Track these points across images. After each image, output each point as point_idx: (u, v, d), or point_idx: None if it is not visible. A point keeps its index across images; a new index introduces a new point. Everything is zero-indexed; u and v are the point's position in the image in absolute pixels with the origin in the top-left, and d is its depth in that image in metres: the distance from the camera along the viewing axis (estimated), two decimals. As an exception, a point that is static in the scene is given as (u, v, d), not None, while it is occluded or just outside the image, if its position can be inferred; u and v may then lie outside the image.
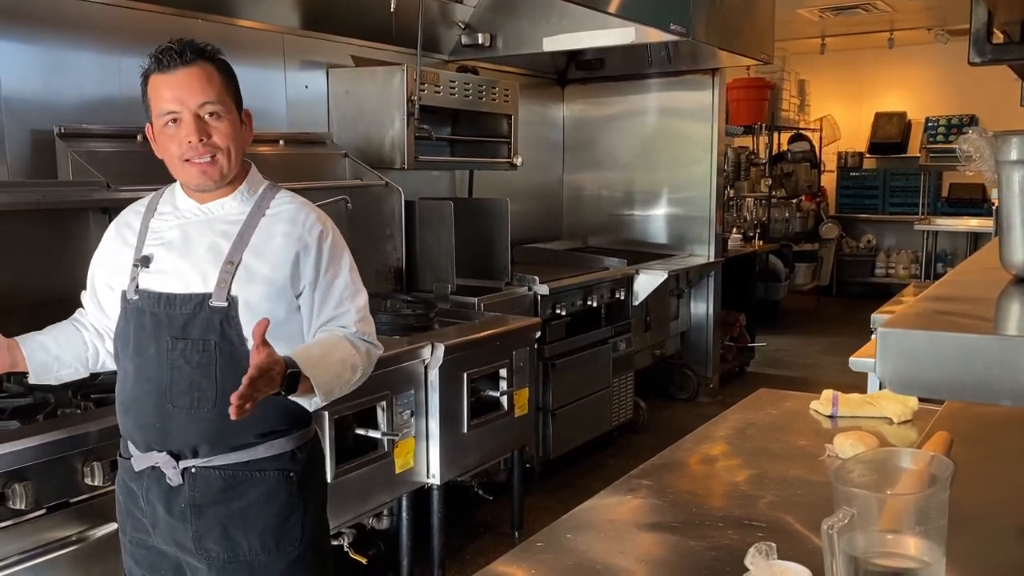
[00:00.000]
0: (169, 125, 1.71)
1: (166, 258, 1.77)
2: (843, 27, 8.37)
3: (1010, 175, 0.98)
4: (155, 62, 1.71)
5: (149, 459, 1.77)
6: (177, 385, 1.73)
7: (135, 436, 1.80)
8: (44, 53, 2.92)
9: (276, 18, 3.74)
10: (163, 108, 1.71)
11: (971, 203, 9.37)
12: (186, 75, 1.69)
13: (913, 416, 2.12)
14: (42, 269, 2.73)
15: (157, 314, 1.74)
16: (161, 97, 1.71)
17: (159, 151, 1.78)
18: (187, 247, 1.77)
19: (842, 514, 1.09)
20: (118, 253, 1.84)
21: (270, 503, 1.79)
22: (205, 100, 1.70)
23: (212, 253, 1.76)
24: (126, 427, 1.82)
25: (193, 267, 1.75)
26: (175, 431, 1.75)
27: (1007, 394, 0.79)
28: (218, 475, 1.76)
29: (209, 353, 1.72)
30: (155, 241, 1.80)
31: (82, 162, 2.79)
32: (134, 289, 1.77)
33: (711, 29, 4.35)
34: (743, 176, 8.01)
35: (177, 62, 1.69)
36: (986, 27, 1.65)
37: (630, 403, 5.03)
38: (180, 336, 1.72)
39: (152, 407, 1.75)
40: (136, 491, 1.81)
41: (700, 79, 5.63)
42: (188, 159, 1.72)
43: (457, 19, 4.64)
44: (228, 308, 1.72)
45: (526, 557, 1.49)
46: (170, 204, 1.84)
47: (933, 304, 0.98)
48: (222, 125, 1.73)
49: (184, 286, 1.74)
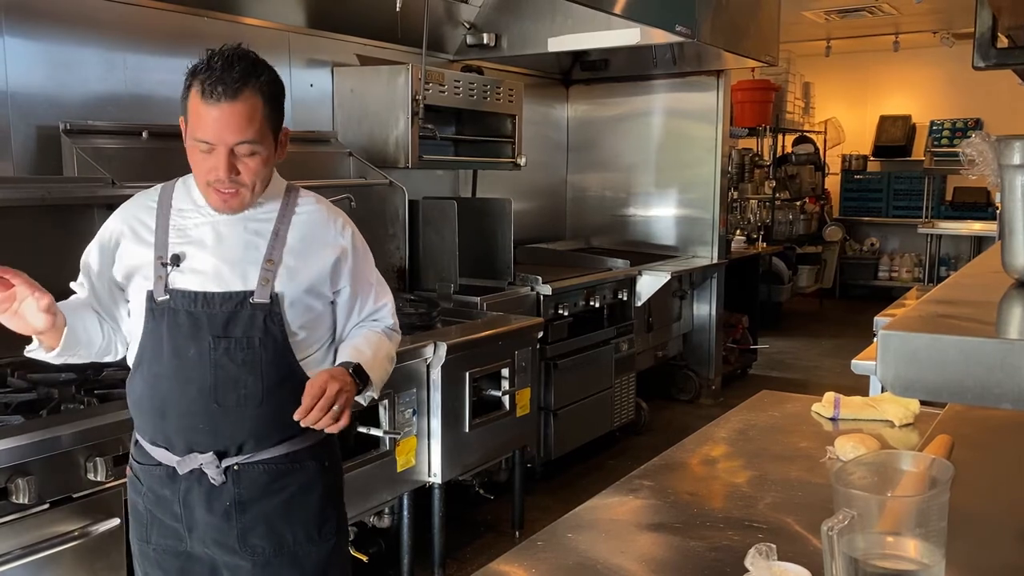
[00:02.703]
0: (201, 149, 1.68)
1: (199, 257, 1.74)
2: (848, 30, 8.36)
3: (1013, 179, 0.98)
4: (201, 87, 1.64)
5: (192, 461, 1.74)
6: (222, 384, 1.71)
7: (174, 440, 1.75)
8: (50, 49, 2.92)
9: (282, 16, 3.75)
10: (199, 135, 1.66)
11: (975, 207, 9.36)
12: (229, 111, 1.63)
13: (914, 419, 2.12)
14: (47, 265, 2.70)
15: (194, 314, 1.71)
16: (200, 123, 1.66)
17: (187, 154, 1.74)
18: (221, 245, 1.75)
19: (842, 516, 1.09)
20: (133, 252, 1.78)
21: (311, 492, 1.81)
22: (242, 140, 1.66)
23: (249, 251, 1.75)
24: (162, 431, 1.76)
25: (231, 266, 1.73)
26: (221, 430, 1.73)
27: (1008, 397, 0.79)
28: (262, 469, 1.76)
29: (254, 350, 1.72)
30: (181, 239, 1.75)
31: (87, 158, 2.80)
32: (163, 289, 1.72)
33: (716, 30, 4.35)
34: (747, 178, 8.01)
35: (222, 96, 1.63)
36: (991, 31, 1.65)
37: (632, 404, 5.03)
38: (222, 335, 1.71)
39: (195, 408, 1.72)
40: (170, 496, 1.77)
41: (705, 80, 5.63)
42: (213, 186, 1.71)
43: (462, 19, 4.65)
44: (271, 305, 1.73)
45: (527, 556, 1.49)
46: (188, 200, 1.79)
47: (935, 307, 0.98)
48: (253, 162, 1.70)
49: (223, 285, 1.72)
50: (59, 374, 2.47)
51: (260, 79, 1.68)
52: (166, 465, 1.77)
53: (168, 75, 3.28)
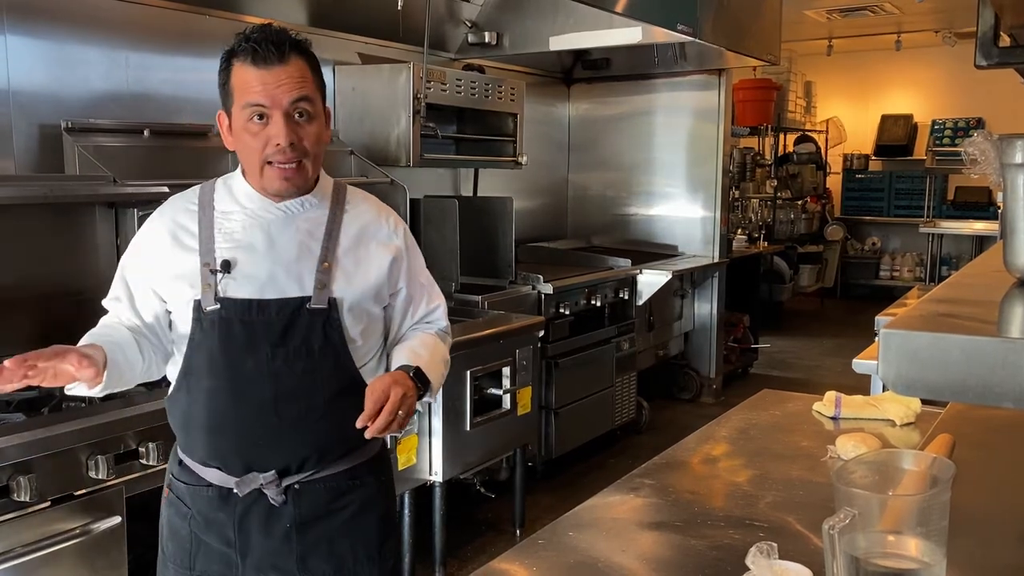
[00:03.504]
0: (255, 120, 1.57)
1: (251, 261, 1.62)
2: (850, 29, 8.36)
3: (1015, 178, 0.98)
4: (249, 53, 1.56)
5: (252, 481, 1.63)
6: (283, 397, 1.61)
7: (229, 459, 1.64)
8: (52, 48, 2.92)
9: (283, 15, 3.74)
10: (251, 99, 1.56)
11: (977, 206, 9.35)
12: (280, 71, 1.56)
13: (916, 418, 2.12)
14: (49, 262, 2.74)
15: (249, 323, 1.60)
16: (250, 88, 1.56)
17: (234, 144, 1.64)
18: (274, 249, 1.63)
19: (843, 514, 1.09)
20: (177, 259, 1.64)
21: (371, 510, 1.74)
22: (299, 96, 1.57)
23: (303, 253, 1.64)
24: (216, 450, 1.65)
25: (286, 270, 1.63)
26: (283, 446, 1.64)
27: (1010, 396, 0.79)
28: (324, 487, 1.67)
29: (314, 359, 1.63)
30: (229, 243, 1.63)
31: (89, 156, 2.80)
32: (213, 297, 1.60)
33: (718, 29, 4.35)
34: (748, 177, 8.01)
35: (275, 58, 1.55)
36: (993, 30, 1.65)
37: (633, 403, 5.03)
38: (279, 344, 1.60)
39: (254, 424, 1.62)
40: (223, 520, 1.66)
41: (706, 79, 5.63)
42: (272, 162, 1.59)
43: (464, 17, 4.65)
44: (329, 310, 1.63)
45: (527, 555, 1.49)
46: (231, 202, 1.67)
47: (936, 306, 0.98)
48: (311, 128, 1.61)
49: (278, 291, 1.61)
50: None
51: (305, 49, 1.63)
52: (218, 486, 1.65)
53: (170, 73, 3.29)
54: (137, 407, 2.18)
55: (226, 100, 1.62)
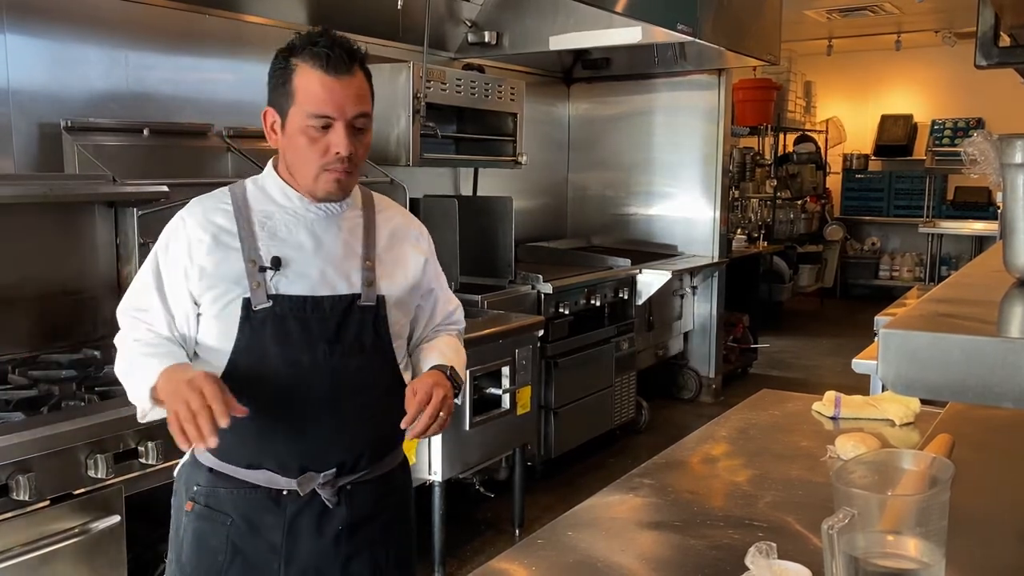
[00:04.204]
0: (317, 127, 1.57)
1: (301, 259, 1.62)
2: (850, 29, 8.36)
3: (1015, 178, 0.98)
4: (322, 59, 1.55)
5: (310, 481, 1.60)
6: (341, 393, 1.61)
7: (286, 459, 1.61)
8: (52, 47, 2.92)
9: (283, 14, 3.74)
10: (319, 109, 1.56)
11: (976, 206, 9.35)
12: (348, 83, 1.57)
13: (915, 418, 2.12)
14: (48, 261, 2.74)
15: (305, 319, 1.59)
16: (317, 97, 1.56)
17: (283, 144, 1.63)
18: (321, 247, 1.64)
19: (843, 514, 1.09)
20: (220, 260, 1.60)
21: (405, 516, 1.76)
22: (362, 112, 1.59)
23: (349, 252, 1.66)
24: (270, 451, 1.61)
25: (336, 268, 1.64)
26: (341, 443, 1.63)
27: (1009, 396, 0.79)
28: (372, 488, 1.68)
29: (366, 355, 1.64)
30: (275, 242, 1.62)
31: (88, 155, 2.80)
32: (264, 295, 1.58)
33: (718, 29, 4.35)
34: (748, 177, 8.01)
35: (345, 68, 1.56)
36: (993, 30, 1.65)
37: (632, 403, 5.03)
38: (335, 340, 1.60)
39: (314, 421, 1.61)
40: (271, 523, 1.61)
41: (706, 79, 5.63)
42: (329, 169, 1.60)
43: (464, 17, 4.65)
44: (377, 307, 1.65)
45: (527, 554, 1.49)
46: (267, 201, 1.66)
47: (936, 306, 0.98)
48: (365, 140, 1.63)
49: (330, 287, 1.62)
50: (60, 371, 2.48)
51: (364, 60, 1.63)
52: (266, 488, 1.61)
53: (170, 73, 3.29)
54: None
55: (283, 99, 1.59)
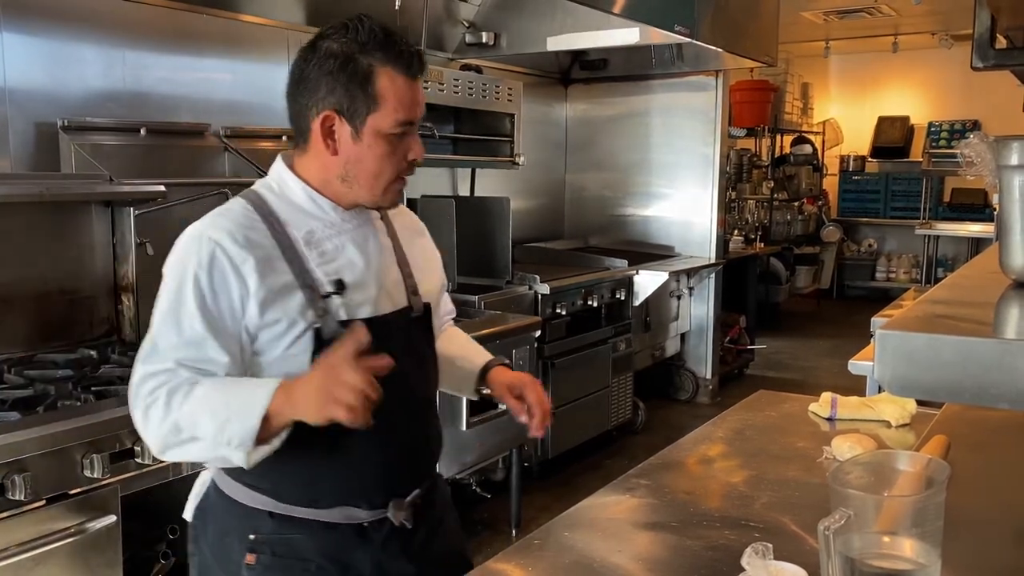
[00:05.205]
0: (397, 133, 1.45)
1: (356, 277, 1.49)
2: (847, 31, 8.37)
3: (1010, 180, 0.98)
4: (404, 61, 1.43)
5: (400, 509, 1.50)
6: (418, 413, 1.56)
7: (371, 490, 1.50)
8: (49, 46, 2.92)
9: (280, 14, 3.74)
10: (408, 115, 1.44)
11: (973, 208, 9.37)
12: (419, 85, 1.48)
13: (911, 419, 2.12)
14: (45, 261, 2.73)
15: (377, 341, 1.40)
16: (406, 101, 1.44)
17: (357, 154, 1.45)
18: (368, 261, 1.52)
19: (839, 515, 1.09)
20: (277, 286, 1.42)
21: (455, 522, 1.72)
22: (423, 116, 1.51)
23: (389, 262, 1.57)
24: (357, 485, 1.49)
25: (386, 281, 1.55)
26: (421, 464, 1.59)
27: (1005, 397, 0.79)
28: (438, 506, 1.64)
29: (427, 368, 1.60)
30: (326, 261, 1.47)
31: (85, 155, 2.79)
32: (335, 322, 1.43)
33: (715, 30, 4.35)
34: (745, 178, 8.01)
35: (418, 71, 1.46)
36: (989, 32, 1.65)
37: (629, 403, 5.03)
38: (405, 356, 1.47)
39: (396, 447, 1.51)
40: (360, 557, 1.49)
41: (704, 80, 5.64)
42: (403, 176, 1.50)
43: (461, 17, 4.64)
44: (425, 318, 1.60)
45: (524, 555, 1.49)
46: (298, 212, 1.49)
47: (932, 307, 0.98)
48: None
49: (390, 303, 1.53)
50: (56, 371, 2.48)
51: None
52: (346, 524, 1.48)
53: (167, 72, 3.28)
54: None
55: (360, 104, 1.42)
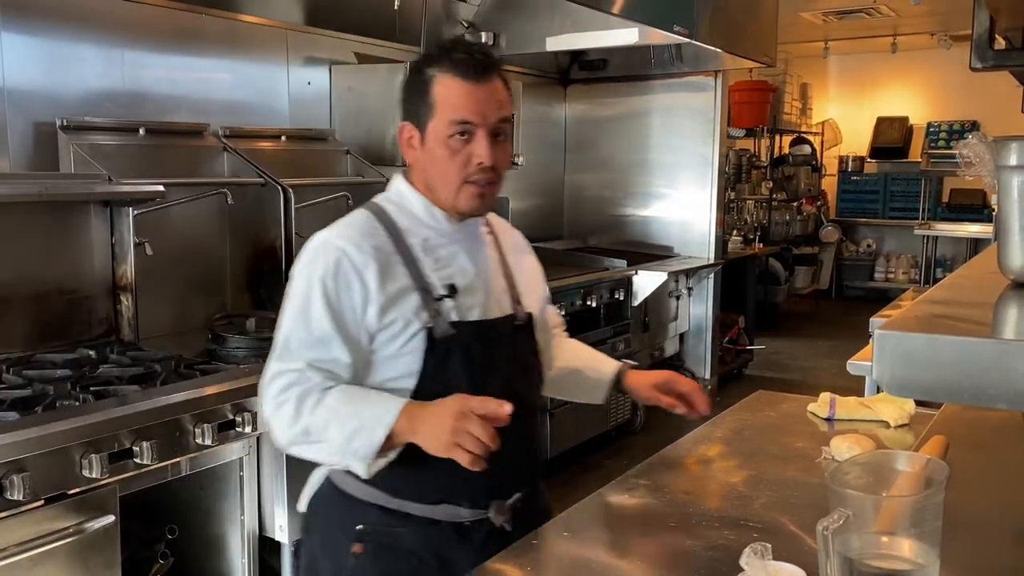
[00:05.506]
0: (457, 137, 1.53)
1: (467, 283, 1.58)
2: (846, 31, 8.37)
3: (1009, 180, 0.98)
4: (459, 65, 1.53)
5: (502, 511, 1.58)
6: (524, 416, 1.55)
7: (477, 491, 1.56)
8: (47, 45, 2.92)
9: (280, 14, 3.74)
10: (460, 116, 1.52)
11: (971, 209, 9.37)
12: (489, 88, 1.55)
13: (910, 420, 2.12)
14: (43, 261, 2.73)
15: (484, 345, 1.54)
16: (458, 103, 1.52)
17: (422, 158, 1.57)
18: (479, 269, 1.62)
19: (837, 515, 1.09)
20: (395, 290, 1.53)
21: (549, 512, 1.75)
22: (503, 117, 1.56)
23: (496, 271, 1.66)
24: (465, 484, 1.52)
25: (494, 289, 1.63)
26: (524, 466, 1.65)
27: (1004, 398, 0.79)
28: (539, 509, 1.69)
29: (531, 374, 1.67)
30: (440, 266, 1.57)
31: (84, 155, 2.79)
32: (447, 324, 1.53)
33: (714, 31, 4.35)
34: (744, 179, 8.02)
35: (483, 74, 1.54)
36: (988, 33, 1.66)
37: (628, 403, 5.03)
38: (511, 360, 1.59)
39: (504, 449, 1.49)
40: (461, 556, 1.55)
41: (703, 81, 5.64)
42: (471, 181, 1.55)
43: (461, 17, 4.65)
44: (529, 325, 1.67)
45: (522, 555, 1.49)
46: (415, 222, 1.60)
47: (931, 307, 0.99)
48: (506, 149, 1.60)
49: (498, 309, 1.62)
50: (55, 371, 2.48)
51: (500, 64, 1.61)
52: (450, 523, 1.56)
53: (166, 72, 3.28)
54: (131, 406, 2.18)
55: (422, 111, 1.55)
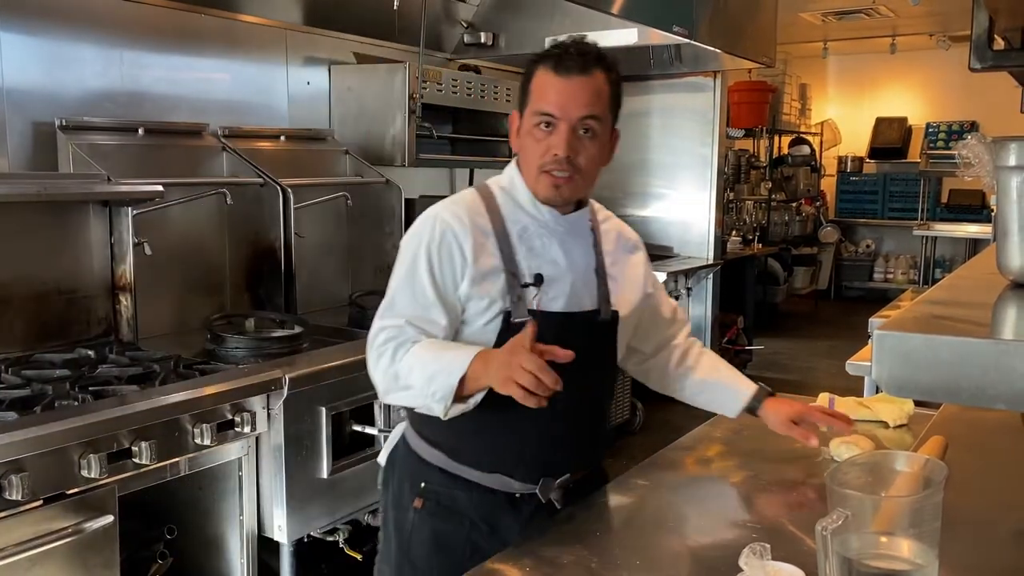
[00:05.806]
0: (541, 127, 1.60)
1: (556, 275, 1.64)
2: (845, 31, 8.38)
3: (1008, 180, 0.98)
4: (553, 60, 1.60)
5: (549, 488, 1.66)
6: (585, 406, 1.69)
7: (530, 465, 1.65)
8: (46, 45, 2.91)
9: (279, 14, 3.74)
10: (542, 107, 1.59)
11: (970, 209, 9.38)
12: (579, 84, 1.58)
13: (908, 420, 2.12)
14: (42, 261, 2.73)
15: (559, 335, 1.54)
16: (544, 96, 1.59)
17: (519, 147, 1.67)
18: (571, 262, 1.67)
19: (836, 515, 1.09)
20: (488, 268, 1.62)
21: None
22: (587, 114, 1.59)
23: (588, 268, 1.70)
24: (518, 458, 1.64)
25: (582, 283, 1.67)
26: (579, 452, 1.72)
27: (1002, 398, 0.79)
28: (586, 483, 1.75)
29: (603, 369, 1.73)
30: (532, 255, 1.64)
31: (83, 155, 2.79)
32: (525, 310, 1.59)
33: (714, 31, 4.35)
34: (743, 179, 8.02)
35: (576, 69, 1.58)
36: (987, 33, 1.66)
37: (627, 404, 5.03)
38: (585, 352, 1.57)
39: (558, 432, 1.64)
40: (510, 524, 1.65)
41: (702, 81, 5.64)
42: (548, 170, 1.61)
43: (460, 18, 4.65)
44: (612, 323, 1.70)
45: (521, 555, 1.49)
46: (519, 211, 1.68)
47: (930, 308, 0.99)
48: (592, 146, 1.63)
49: (580, 304, 1.66)
50: (54, 371, 2.47)
51: (610, 66, 1.64)
52: (503, 492, 1.66)
53: (165, 72, 3.28)
54: (130, 406, 2.18)
55: (523, 101, 1.65)
